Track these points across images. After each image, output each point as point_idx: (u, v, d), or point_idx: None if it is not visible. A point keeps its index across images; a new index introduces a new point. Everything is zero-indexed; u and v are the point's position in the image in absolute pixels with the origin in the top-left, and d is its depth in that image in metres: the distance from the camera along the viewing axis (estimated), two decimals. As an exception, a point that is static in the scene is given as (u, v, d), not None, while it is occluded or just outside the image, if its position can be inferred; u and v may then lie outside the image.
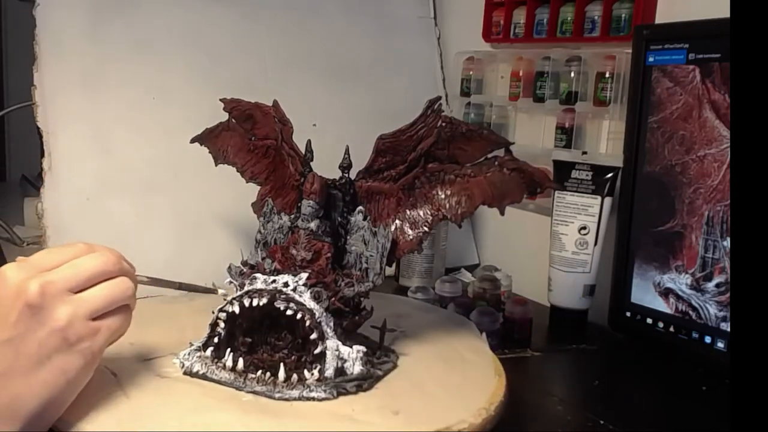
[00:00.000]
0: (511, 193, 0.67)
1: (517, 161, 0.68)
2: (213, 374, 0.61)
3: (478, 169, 0.67)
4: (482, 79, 1.17)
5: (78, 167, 0.94)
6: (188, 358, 0.62)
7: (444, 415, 0.56)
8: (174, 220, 0.97)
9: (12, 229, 1.18)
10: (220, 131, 0.79)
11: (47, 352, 0.50)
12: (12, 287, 0.50)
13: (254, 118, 0.76)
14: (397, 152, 0.69)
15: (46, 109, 0.93)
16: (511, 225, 1.14)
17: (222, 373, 0.60)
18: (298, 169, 0.72)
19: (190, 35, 1.05)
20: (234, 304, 0.61)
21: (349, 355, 0.60)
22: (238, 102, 0.77)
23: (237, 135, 0.78)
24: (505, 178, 0.67)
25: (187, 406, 0.57)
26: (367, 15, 1.21)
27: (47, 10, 0.95)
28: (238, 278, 0.64)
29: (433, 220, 0.68)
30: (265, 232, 0.71)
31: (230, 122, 0.78)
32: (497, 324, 0.83)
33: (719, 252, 0.80)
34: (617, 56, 0.95)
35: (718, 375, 0.77)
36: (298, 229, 0.67)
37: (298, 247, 0.66)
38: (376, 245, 0.67)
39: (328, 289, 0.62)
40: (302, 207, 0.67)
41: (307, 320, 0.59)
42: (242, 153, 0.77)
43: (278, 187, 0.75)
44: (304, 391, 0.58)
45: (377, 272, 0.67)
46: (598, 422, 0.66)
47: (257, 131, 0.76)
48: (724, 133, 0.79)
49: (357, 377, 0.60)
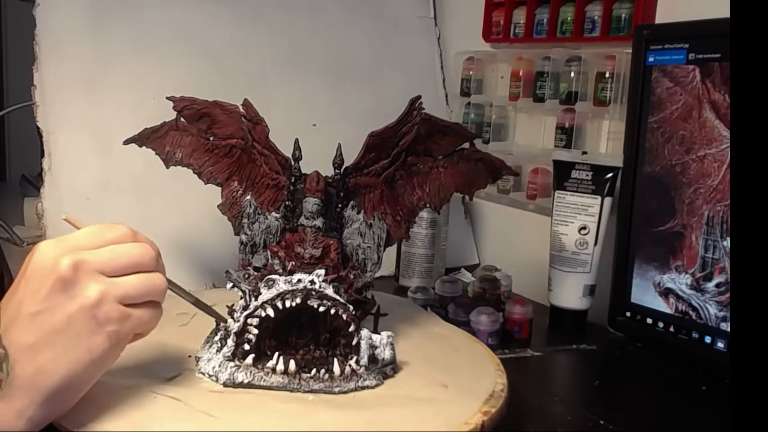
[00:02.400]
0: (478, 181, 0.77)
1: (480, 152, 0.77)
2: (262, 381, 0.59)
3: (449, 160, 0.75)
4: (482, 79, 1.17)
5: (78, 167, 0.94)
6: (221, 369, 0.60)
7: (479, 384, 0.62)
8: (174, 220, 0.97)
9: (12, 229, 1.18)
10: (166, 131, 0.76)
11: (75, 328, 0.49)
12: (46, 261, 0.50)
13: (212, 116, 0.74)
14: (382, 148, 0.72)
15: (46, 109, 0.93)
16: (511, 225, 1.14)
17: (272, 377, 0.59)
18: (273, 167, 0.72)
19: (190, 35, 1.05)
20: (267, 308, 0.59)
21: (380, 342, 0.62)
22: (191, 100, 0.75)
23: (188, 135, 0.75)
24: (472, 167, 0.76)
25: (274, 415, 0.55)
26: (367, 15, 1.21)
27: (47, 10, 0.95)
28: (246, 282, 0.63)
29: (416, 208, 0.75)
30: (251, 233, 0.70)
31: (179, 122, 0.75)
32: (497, 324, 0.83)
33: (719, 252, 0.80)
34: (617, 56, 0.95)
35: (718, 375, 0.77)
36: (303, 227, 0.67)
37: (305, 245, 0.66)
38: (372, 236, 0.70)
39: (343, 282, 0.63)
40: (307, 205, 0.67)
41: (342, 314, 0.60)
42: (198, 153, 0.75)
43: (247, 187, 0.74)
44: (358, 382, 0.60)
45: (375, 262, 0.70)
46: (598, 422, 0.66)
47: (218, 131, 0.75)
48: (724, 133, 0.79)
49: (390, 361, 0.63)
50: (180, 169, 0.98)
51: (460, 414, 0.57)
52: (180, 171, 0.98)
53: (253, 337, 0.60)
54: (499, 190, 1.12)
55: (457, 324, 0.83)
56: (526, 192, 1.09)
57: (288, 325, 0.62)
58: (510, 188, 1.11)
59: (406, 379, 0.63)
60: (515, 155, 1.10)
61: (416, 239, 1.05)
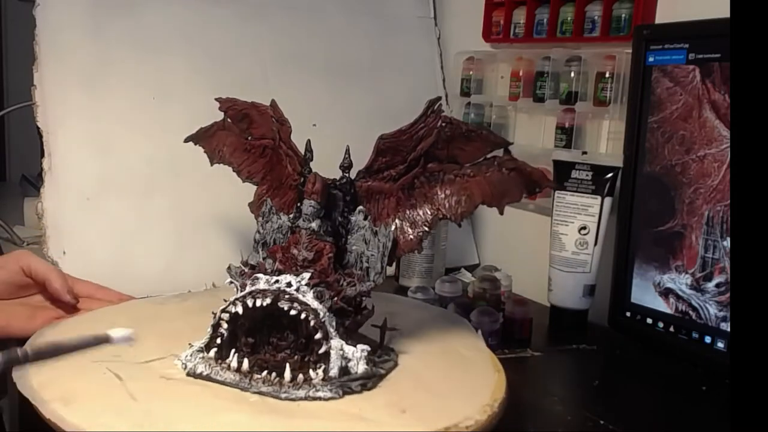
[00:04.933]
0: (510, 193, 0.68)
1: (516, 161, 0.68)
2: (217, 375, 0.60)
3: (477, 169, 0.68)
4: (482, 79, 1.17)
5: (78, 167, 0.94)
6: (191, 359, 0.62)
7: (450, 413, 0.57)
8: (174, 220, 0.97)
9: (12, 229, 1.18)
10: (215, 131, 0.79)
11: None
12: None
13: (250, 117, 0.76)
14: (397, 152, 0.69)
15: (46, 109, 0.93)
16: (511, 225, 1.14)
17: (227, 374, 0.60)
18: (296, 169, 0.72)
19: (191, 35, 1.05)
20: (237, 305, 0.60)
21: (353, 354, 0.60)
22: (234, 101, 0.77)
23: (233, 135, 0.78)
24: (504, 177, 0.68)
25: (197, 407, 0.56)
26: (367, 15, 1.21)
27: (47, 10, 0.95)
28: (239, 279, 0.63)
29: (433, 219, 0.69)
30: (264, 232, 0.71)
31: (225, 122, 0.78)
32: (497, 324, 0.83)
33: (719, 252, 0.80)
34: (617, 56, 0.95)
35: (718, 375, 0.77)
36: (299, 228, 0.67)
37: (299, 247, 0.65)
38: (377, 245, 0.67)
39: (330, 288, 0.62)
40: (304, 207, 0.67)
41: (311, 320, 0.59)
42: (238, 152, 0.77)
43: (275, 187, 0.75)
44: (310, 391, 0.59)
45: (378, 271, 0.67)
46: (598, 422, 0.66)
47: (254, 131, 0.76)
48: (724, 133, 0.79)
49: (361, 376, 0.60)
50: (180, 169, 0.98)
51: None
52: (180, 171, 0.98)
53: (224, 332, 0.61)
54: (499, 190, 1.12)
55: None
56: (526, 192, 1.09)
57: (270, 326, 0.62)
58: (510, 188, 1.11)
59: (370, 397, 0.60)
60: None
61: (416, 239, 1.05)
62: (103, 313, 0.75)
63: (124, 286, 0.87)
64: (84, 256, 0.91)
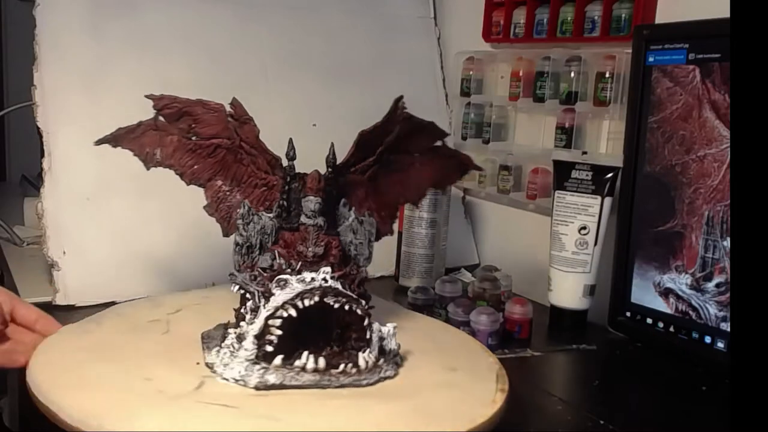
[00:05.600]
0: (450, 176, 0.81)
1: (453, 149, 0.80)
2: (293, 381, 0.60)
3: (425, 157, 0.77)
4: (482, 79, 1.17)
5: (78, 167, 0.94)
6: (247, 373, 0.60)
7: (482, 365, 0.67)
8: (174, 220, 0.97)
9: (12, 229, 1.18)
10: (144, 131, 0.74)
11: None
12: None
13: (193, 115, 0.73)
14: (368, 146, 0.72)
15: (46, 109, 0.93)
16: (511, 225, 1.14)
17: (303, 376, 0.60)
18: (261, 167, 0.72)
19: (190, 35, 1.05)
20: (289, 309, 0.59)
21: (387, 333, 0.64)
22: (173, 99, 0.73)
23: (169, 135, 0.73)
24: (445, 163, 0.78)
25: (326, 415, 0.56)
26: (367, 15, 1.21)
27: (47, 10, 0.95)
28: (255, 284, 0.63)
29: (397, 204, 0.77)
30: (247, 234, 0.69)
31: (158, 121, 0.73)
32: (497, 324, 0.83)
33: (719, 252, 0.80)
34: (617, 56, 0.95)
35: (718, 375, 0.77)
36: (304, 225, 0.68)
37: (307, 244, 0.66)
38: (363, 232, 0.71)
39: (347, 278, 0.65)
40: (309, 204, 0.68)
41: (357, 309, 0.61)
42: (179, 153, 0.73)
43: (233, 187, 0.74)
44: (380, 373, 0.62)
45: (366, 257, 0.71)
46: (598, 422, 0.66)
47: (201, 130, 0.73)
48: (724, 133, 0.79)
49: (396, 352, 0.65)
50: (180, 169, 0.98)
51: (483, 393, 0.61)
52: (180, 171, 0.98)
53: (275, 338, 0.60)
54: (499, 190, 1.12)
55: (457, 324, 0.83)
56: (526, 192, 1.09)
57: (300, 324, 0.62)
58: (510, 188, 1.11)
59: (413, 367, 0.66)
60: (515, 155, 1.10)
61: (416, 239, 1.05)
62: None
63: (124, 286, 0.87)
64: (84, 256, 0.91)
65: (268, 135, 0.72)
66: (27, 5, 1.00)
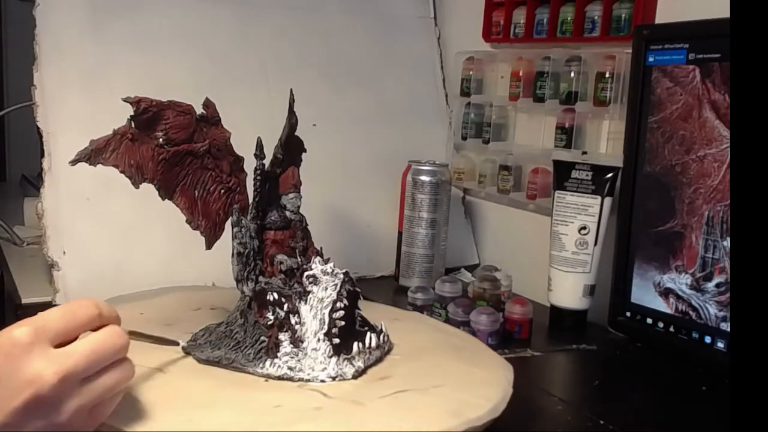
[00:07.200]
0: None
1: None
2: (368, 361, 0.66)
3: None
4: (482, 79, 1.17)
5: (78, 167, 0.93)
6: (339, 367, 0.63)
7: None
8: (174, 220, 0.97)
9: (12, 229, 1.18)
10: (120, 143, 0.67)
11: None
12: (28, 372, 0.46)
13: (166, 120, 0.68)
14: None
15: (46, 109, 0.93)
16: (511, 225, 1.14)
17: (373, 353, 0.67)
18: (224, 170, 0.72)
19: (191, 35, 1.05)
20: (342, 299, 0.64)
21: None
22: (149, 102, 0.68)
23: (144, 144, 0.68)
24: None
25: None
26: (367, 15, 1.21)
27: (47, 10, 0.95)
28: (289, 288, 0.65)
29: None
30: (244, 241, 0.69)
31: (132, 130, 0.67)
32: (497, 324, 0.83)
33: (719, 252, 0.80)
34: (617, 56, 0.95)
35: (718, 375, 0.77)
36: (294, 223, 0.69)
37: (296, 239, 0.69)
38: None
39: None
40: (295, 200, 0.69)
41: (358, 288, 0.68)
42: (153, 165, 0.68)
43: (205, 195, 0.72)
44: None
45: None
46: (598, 422, 0.66)
47: (174, 135, 0.69)
48: (724, 133, 0.79)
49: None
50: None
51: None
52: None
53: (337, 330, 0.63)
54: (499, 190, 1.12)
55: (457, 324, 0.83)
56: (526, 192, 1.09)
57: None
58: (510, 188, 1.11)
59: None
60: (515, 155, 1.10)
61: (416, 239, 1.05)
62: None
63: (124, 286, 0.87)
64: (84, 256, 0.91)
65: (268, 135, 0.72)
66: (27, 5, 1.00)
